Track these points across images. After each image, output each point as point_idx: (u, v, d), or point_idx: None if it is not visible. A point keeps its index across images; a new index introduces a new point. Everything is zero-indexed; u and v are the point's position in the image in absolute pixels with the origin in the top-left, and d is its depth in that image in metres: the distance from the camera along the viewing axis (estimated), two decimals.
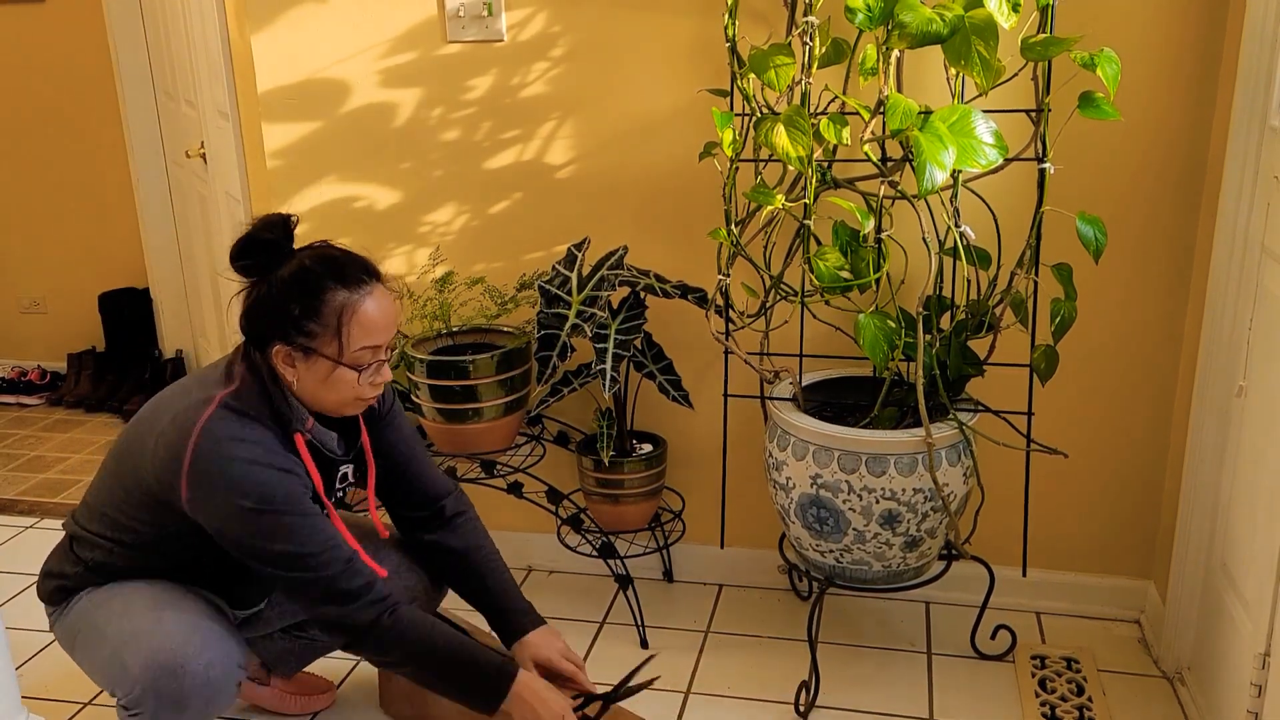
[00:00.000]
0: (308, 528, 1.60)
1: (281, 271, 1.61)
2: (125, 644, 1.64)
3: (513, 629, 1.85)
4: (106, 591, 1.72)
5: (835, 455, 1.94)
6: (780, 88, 1.86)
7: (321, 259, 1.63)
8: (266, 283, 1.62)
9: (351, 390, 1.65)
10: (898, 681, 2.17)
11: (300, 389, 1.65)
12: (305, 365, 1.62)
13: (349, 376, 1.63)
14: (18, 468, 3.46)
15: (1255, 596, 1.74)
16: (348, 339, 1.60)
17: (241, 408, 1.61)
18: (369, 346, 1.62)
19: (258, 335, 1.64)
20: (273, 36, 2.43)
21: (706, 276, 2.33)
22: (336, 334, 1.60)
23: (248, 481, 1.57)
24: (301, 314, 1.59)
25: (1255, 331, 1.81)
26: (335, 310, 1.59)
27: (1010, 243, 2.08)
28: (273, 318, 1.61)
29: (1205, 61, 2.03)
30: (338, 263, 1.62)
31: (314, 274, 1.60)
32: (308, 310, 1.59)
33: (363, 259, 1.66)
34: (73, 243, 4.19)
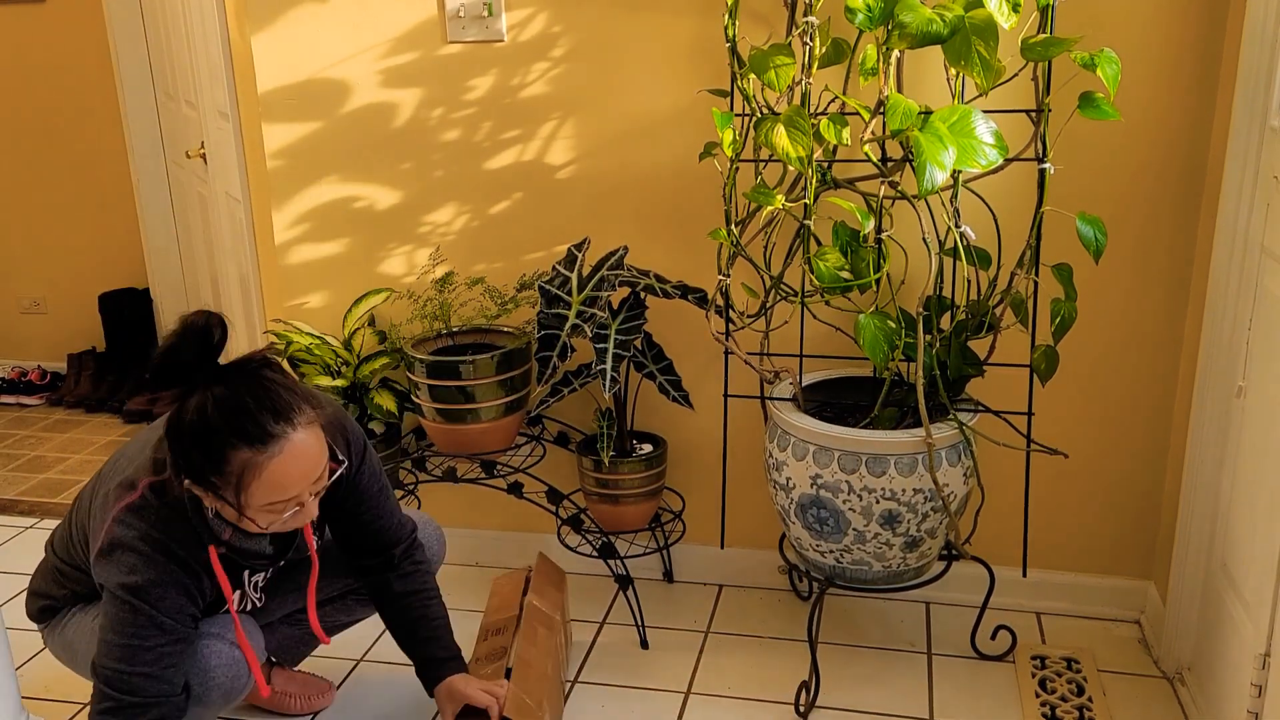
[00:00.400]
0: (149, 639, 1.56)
1: (190, 405, 1.48)
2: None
3: (433, 675, 1.90)
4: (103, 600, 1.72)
5: (835, 455, 1.94)
6: (780, 88, 1.86)
7: (230, 410, 1.47)
8: (178, 410, 1.51)
9: (273, 527, 1.57)
10: (898, 682, 2.17)
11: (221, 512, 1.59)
12: (218, 502, 1.54)
13: (264, 520, 1.56)
14: (18, 468, 3.46)
15: (1255, 597, 1.74)
16: (248, 499, 1.51)
17: (158, 507, 1.58)
18: (277, 502, 1.53)
19: (170, 458, 1.55)
20: (273, 37, 2.44)
21: (707, 277, 2.33)
22: (237, 493, 1.50)
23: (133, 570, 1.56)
24: (203, 464, 1.49)
25: (1255, 332, 1.81)
26: (236, 470, 1.48)
27: (1010, 243, 2.08)
28: (178, 455, 1.52)
29: (1205, 61, 2.03)
30: (246, 414, 1.47)
31: (216, 430, 1.47)
32: (210, 463, 1.49)
33: (283, 398, 1.50)
34: (73, 243, 4.19)
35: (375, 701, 2.16)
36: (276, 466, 1.49)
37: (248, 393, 1.49)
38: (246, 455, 1.47)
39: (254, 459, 1.48)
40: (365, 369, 2.40)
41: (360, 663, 2.28)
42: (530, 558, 2.62)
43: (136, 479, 1.61)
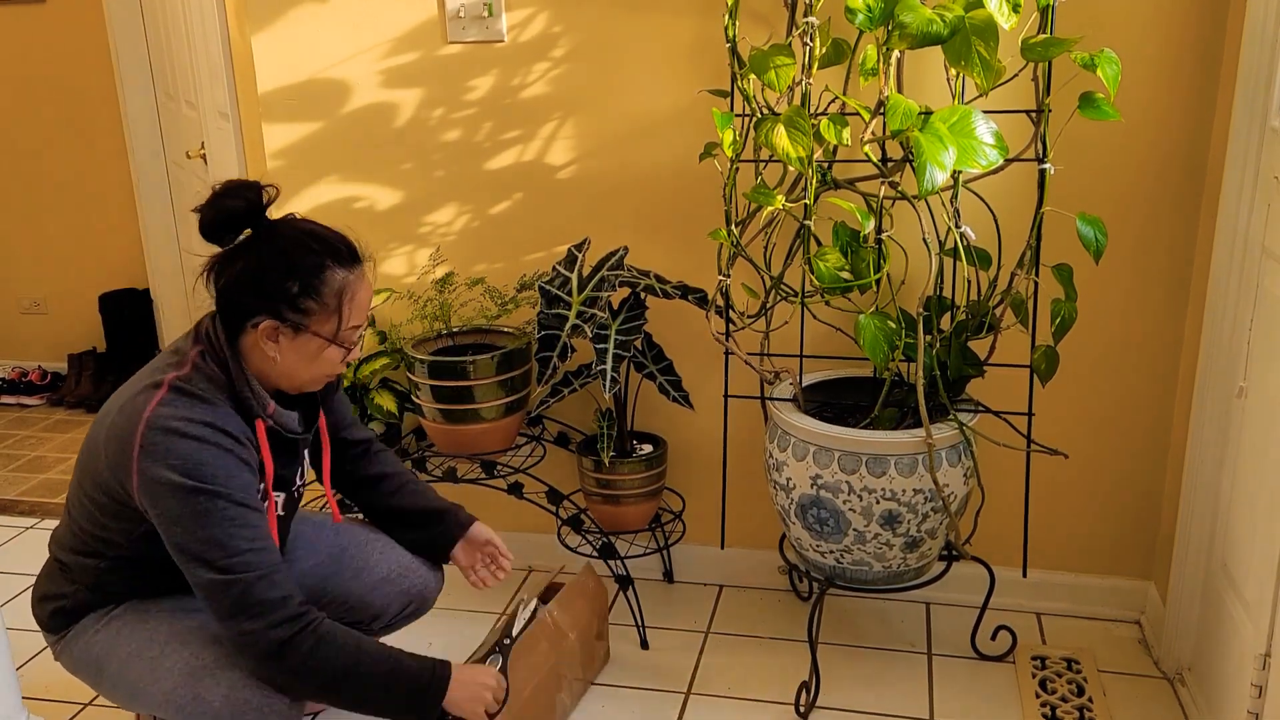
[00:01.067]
0: (239, 519, 1.51)
1: (269, 245, 1.56)
2: (196, 676, 1.57)
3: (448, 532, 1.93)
4: (132, 617, 1.66)
5: (835, 456, 1.94)
6: (780, 88, 1.86)
7: (315, 237, 1.59)
8: (250, 256, 1.56)
9: (334, 365, 1.63)
10: (898, 682, 2.17)
11: (276, 366, 1.60)
12: (292, 342, 1.58)
13: (336, 355, 1.61)
14: (18, 468, 3.46)
15: (1256, 597, 1.74)
16: (345, 319, 1.59)
17: (194, 390, 1.54)
18: (357, 326, 1.62)
19: (241, 310, 1.57)
20: (273, 37, 2.44)
21: (707, 277, 2.33)
22: (336, 313, 1.58)
23: (191, 459, 1.49)
24: (300, 292, 1.55)
25: (1255, 332, 1.81)
26: (335, 291, 1.57)
27: (1010, 243, 2.08)
28: (265, 293, 1.55)
29: (1205, 62, 2.03)
30: (331, 243, 1.59)
31: (313, 252, 1.57)
32: (307, 289, 1.55)
33: (349, 238, 1.63)
34: (73, 243, 4.19)
35: None
36: (364, 287, 1.61)
37: (320, 228, 1.60)
38: (341, 275, 1.57)
39: (348, 278, 1.58)
40: (365, 369, 2.40)
41: None
42: (531, 558, 2.61)
43: (159, 380, 1.54)
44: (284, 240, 1.57)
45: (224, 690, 1.55)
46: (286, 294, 1.55)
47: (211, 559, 1.50)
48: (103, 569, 1.66)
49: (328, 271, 1.56)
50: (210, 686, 1.56)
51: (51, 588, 1.72)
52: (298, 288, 1.55)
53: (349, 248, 1.61)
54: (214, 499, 1.49)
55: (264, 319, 1.56)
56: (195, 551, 1.50)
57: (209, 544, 1.50)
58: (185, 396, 1.54)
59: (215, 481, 1.50)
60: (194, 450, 1.50)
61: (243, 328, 1.58)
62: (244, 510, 1.52)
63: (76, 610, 1.69)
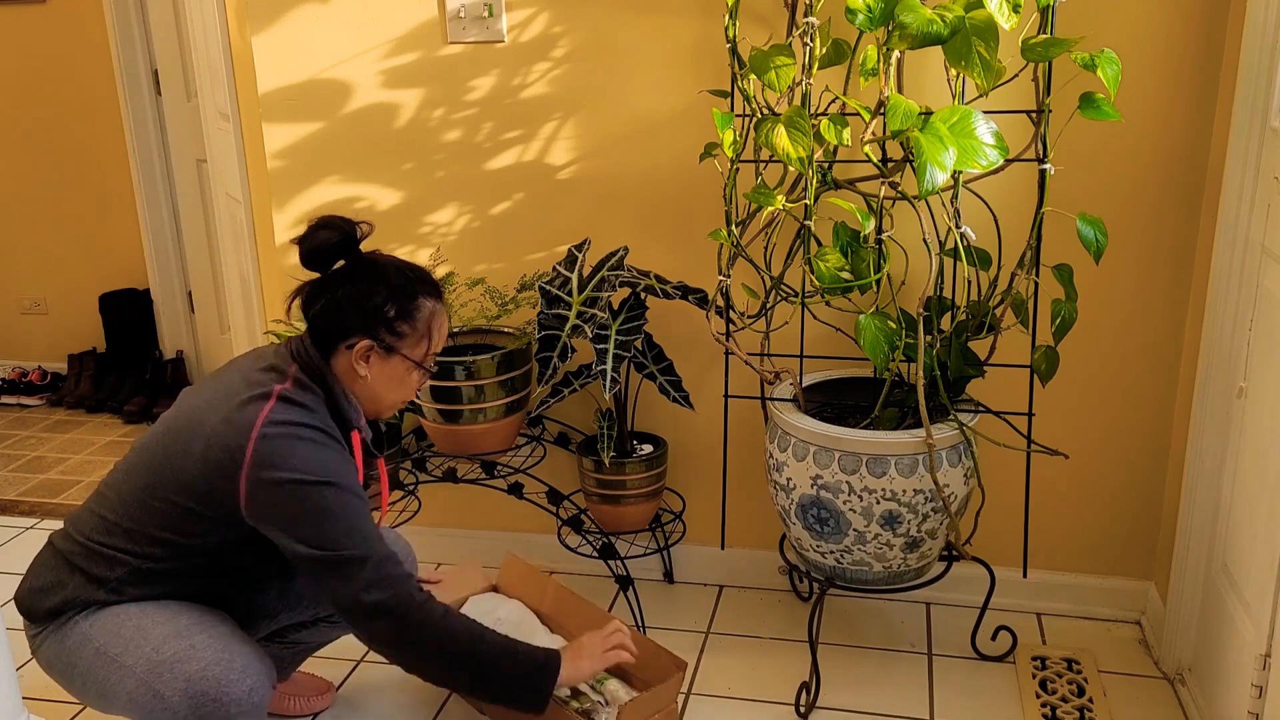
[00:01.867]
0: (361, 510, 1.63)
1: (368, 273, 1.69)
2: (155, 672, 1.58)
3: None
4: (108, 618, 1.65)
5: (836, 456, 1.94)
6: (781, 89, 1.86)
7: (409, 268, 1.74)
8: (349, 283, 1.68)
9: (411, 391, 1.77)
10: (898, 682, 2.17)
11: (365, 386, 1.72)
12: (382, 364, 1.71)
13: (416, 379, 1.75)
14: (18, 468, 3.46)
15: (1256, 598, 1.74)
16: (432, 344, 1.74)
17: (301, 400, 1.65)
18: (435, 354, 1.77)
19: (339, 329, 1.69)
20: (273, 37, 2.44)
21: (707, 277, 2.33)
22: (426, 338, 1.73)
23: (312, 460, 1.59)
24: (397, 315, 1.69)
25: (1256, 332, 1.81)
26: (426, 318, 1.72)
27: (1011, 244, 2.09)
28: (365, 314, 1.68)
29: (1206, 62, 2.03)
30: (423, 275, 1.75)
31: (411, 281, 1.72)
32: (403, 313, 1.69)
33: (436, 279, 1.79)
34: (73, 244, 4.19)
35: (375, 702, 2.16)
36: (443, 317, 1.77)
37: (407, 262, 1.76)
38: (431, 305, 1.73)
39: (436, 308, 1.74)
40: None
41: (360, 663, 2.29)
42: (531, 558, 2.61)
43: (266, 390, 1.63)
44: (381, 269, 1.70)
45: (182, 685, 1.55)
46: (384, 317, 1.68)
47: (343, 542, 1.58)
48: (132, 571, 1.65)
49: (420, 299, 1.71)
50: (169, 682, 1.56)
51: (50, 579, 1.69)
52: (394, 312, 1.69)
53: (435, 282, 1.77)
54: (338, 490, 1.60)
55: (360, 339, 1.68)
56: (326, 539, 1.58)
57: (339, 528, 1.59)
58: (295, 406, 1.64)
59: (335, 475, 1.61)
60: (311, 450, 1.61)
61: (336, 349, 1.70)
62: (361, 501, 1.64)
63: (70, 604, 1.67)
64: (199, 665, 1.57)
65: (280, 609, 1.90)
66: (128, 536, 1.65)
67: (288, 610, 1.91)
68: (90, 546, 1.67)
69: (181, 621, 1.63)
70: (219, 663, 1.58)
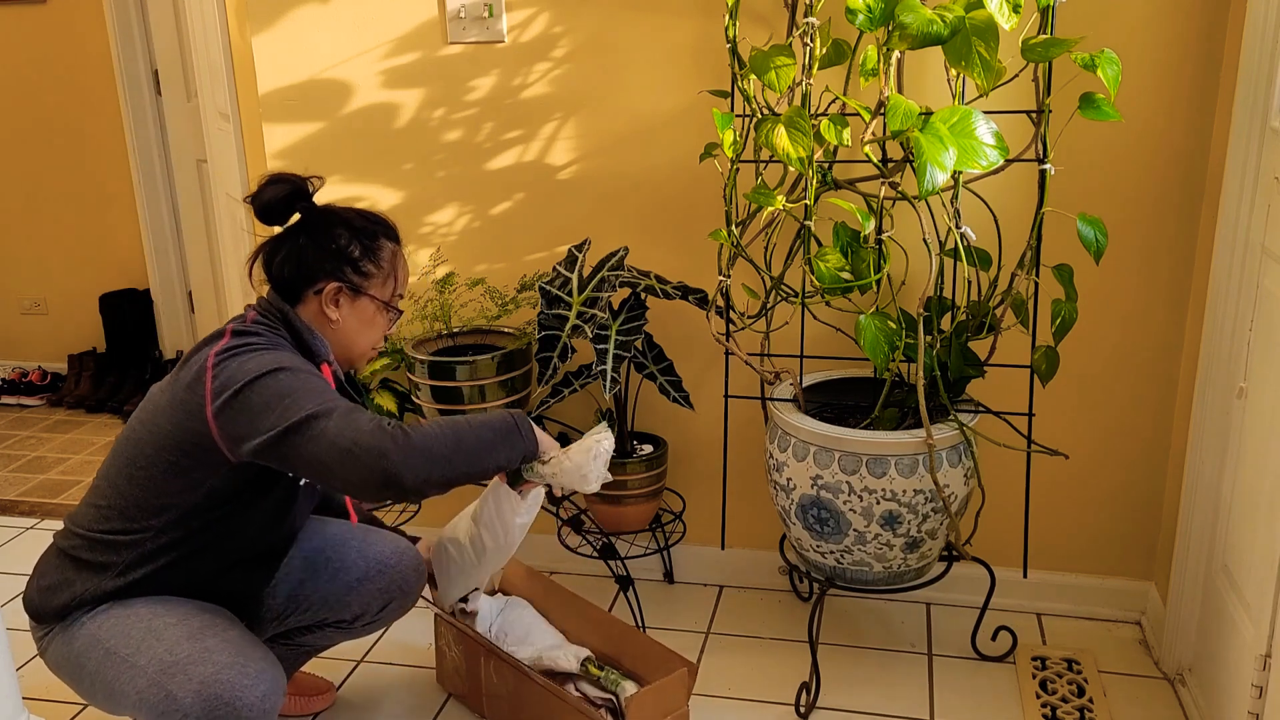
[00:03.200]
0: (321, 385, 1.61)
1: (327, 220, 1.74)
2: (168, 673, 1.55)
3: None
4: (117, 618, 1.64)
5: (836, 456, 1.94)
6: (781, 89, 1.86)
7: (366, 213, 1.79)
8: (309, 231, 1.72)
9: (379, 336, 1.80)
10: (898, 683, 2.17)
11: (337, 331, 1.75)
12: (351, 305, 1.74)
13: (384, 321, 1.79)
14: (18, 469, 3.46)
15: (1256, 598, 1.74)
16: (397, 284, 1.79)
17: (256, 330, 1.67)
18: (402, 295, 1.82)
19: (305, 276, 1.71)
20: (274, 37, 2.44)
21: (707, 277, 2.33)
22: (391, 277, 1.77)
23: (264, 361, 1.59)
24: (362, 255, 1.73)
25: (1256, 333, 1.81)
26: (389, 259, 1.77)
27: (1011, 244, 2.09)
28: (330, 257, 1.72)
29: (1206, 62, 2.03)
30: (380, 218, 1.80)
31: (371, 223, 1.77)
32: (367, 252, 1.74)
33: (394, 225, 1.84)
34: (73, 244, 4.19)
35: (375, 702, 2.16)
36: (404, 260, 1.82)
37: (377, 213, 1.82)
38: (392, 246, 1.79)
39: (397, 250, 1.80)
40: (366, 370, 2.40)
41: (360, 664, 2.28)
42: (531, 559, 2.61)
43: (220, 331, 1.66)
44: (339, 214, 1.76)
45: (195, 687, 1.52)
46: (349, 258, 1.73)
47: (309, 409, 1.54)
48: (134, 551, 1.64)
49: (382, 239, 1.77)
50: (182, 684, 1.53)
51: (57, 577, 1.69)
52: (359, 251, 1.73)
53: (393, 226, 1.82)
54: (296, 372, 1.60)
55: (328, 282, 1.71)
56: (293, 415, 1.54)
57: (304, 398, 1.56)
58: (248, 335, 1.66)
59: (287, 363, 1.61)
60: (263, 354, 1.61)
61: (303, 297, 1.73)
62: (319, 379, 1.62)
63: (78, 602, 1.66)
64: (213, 668, 1.54)
65: (289, 611, 1.90)
66: (123, 516, 1.65)
67: (297, 612, 1.90)
68: (91, 538, 1.67)
69: (194, 624, 1.62)
70: (233, 666, 1.55)
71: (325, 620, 1.94)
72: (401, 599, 1.95)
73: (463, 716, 2.11)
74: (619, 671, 2.01)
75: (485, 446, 1.65)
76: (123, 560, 1.65)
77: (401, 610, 1.97)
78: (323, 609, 1.91)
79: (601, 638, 2.08)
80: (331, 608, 1.91)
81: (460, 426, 1.64)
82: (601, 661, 2.05)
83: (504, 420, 1.69)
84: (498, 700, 2.03)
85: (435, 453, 1.57)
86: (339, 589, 1.90)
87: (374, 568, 1.92)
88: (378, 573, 1.92)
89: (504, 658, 1.98)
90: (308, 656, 2.05)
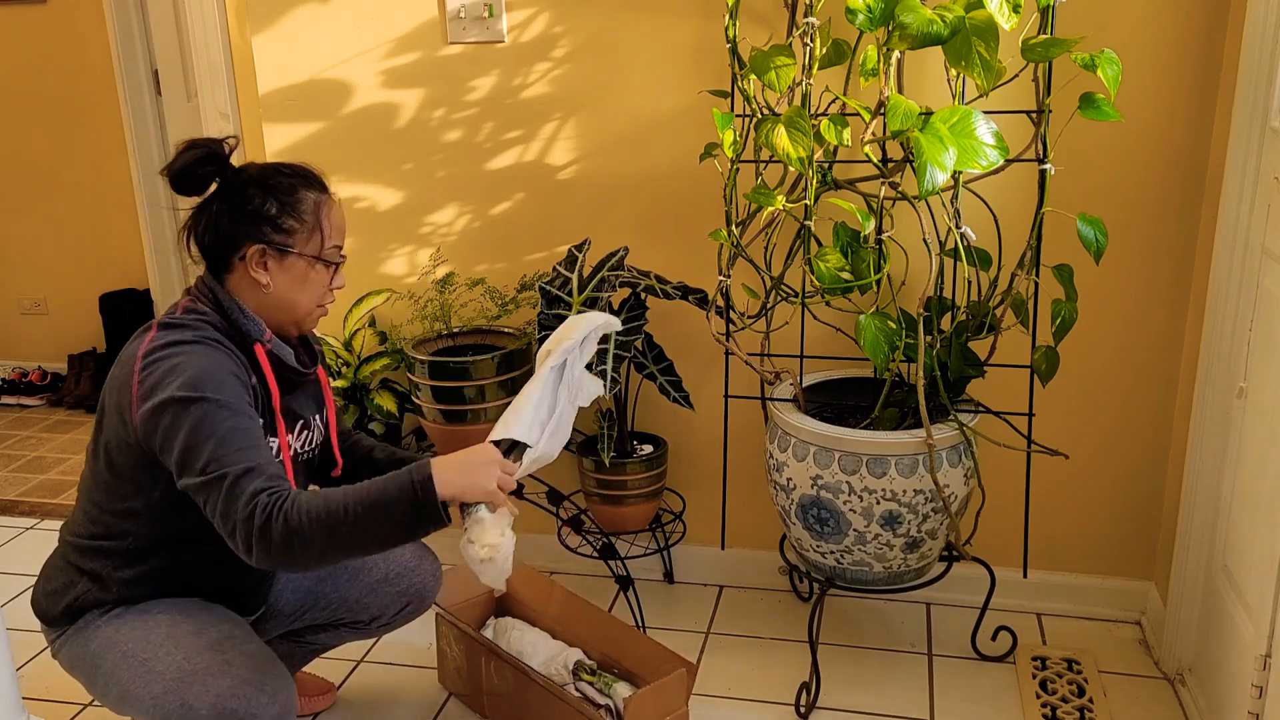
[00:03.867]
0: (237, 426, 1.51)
1: (242, 181, 1.63)
2: (186, 681, 1.54)
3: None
4: (134, 615, 1.64)
5: (836, 456, 1.94)
6: (781, 89, 1.86)
7: (283, 166, 1.68)
8: (225, 195, 1.63)
9: (321, 292, 1.68)
10: (898, 683, 2.17)
11: (270, 295, 1.64)
12: (280, 266, 1.63)
13: (322, 276, 1.67)
14: (18, 469, 3.46)
15: (1256, 598, 1.74)
16: (326, 234, 1.66)
17: (183, 322, 1.60)
18: (337, 246, 1.68)
19: (227, 246, 1.63)
20: (274, 37, 2.44)
21: (707, 278, 2.33)
22: (316, 229, 1.65)
23: (188, 372, 1.51)
24: (279, 212, 1.62)
25: (1256, 333, 1.80)
26: (312, 208, 1.65)
27: (1011, 244, 2.08)
28: (246, 219, 1.62)
29: (1206, 62, 2.03)
30: (298, 169, 1.68)
31: (287, 176, 1.65)
32: (286, 208, 1.63)
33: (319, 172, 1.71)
34: (74, 244, 4.19)
35: (375, 703, 2.16)
36: (336, 208, 1.69)
37: (282, 163, 1.70)
38: (314, 196, 1.66)
39: (321, 198, 1.66)
40: (366, 370, 2.40)
41: (361, 664, 2.28)
42: (531, 559, 2.61)
43: (149, 324, 1.61)
44: (254, 173, 1.65)
45: (211, 699, 1.52)
46: (267, 215, 1.62)
47: (197, 460, 1.48)
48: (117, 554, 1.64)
49: (301, 191, 1.65)
50: (199, 694, 1.52)
51: (59, 581, 1.69)
52: (276, 208, 1.62)
53: (314, 174, 1.69)
54: (204, 404, 1.50)
55: (249, 246, 1.62)
56: (183, 453, 1.49)
57: (197, 444, 1.49)
58: (175, 329, 1.59)
59: (207, 388, 1.51)
60: (187, 361, 1.53)
61: (230, 265, 1.64)
62: (235, 415, 1.52)
63: (83, 604, 1.67)
64: (231, 682, 1.54)
65: (305, 608, 1.90)
66: (101, 523, 1.65)
67: (313, 611, 1.90)
68: (81, 545, 1.67)
69: (213, 634, 1.61)
70: (251, 682, 1.55)
71: (341, 620, 1.94)
72: (419, 602, 1.96)
73: (463, 717, 2.11)
74: (615, 673, 2.01)
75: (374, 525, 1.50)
76: (113, 564, 1.65)
77: (417, 613, 1.98)
78: (340, 609, 1.91)
79: (601, 638, 2.08)
80: (350, 608, 1.91)
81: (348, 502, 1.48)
82: (600, 662, 2.05)
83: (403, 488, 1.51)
84: (498, 698, 2.03)
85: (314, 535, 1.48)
86: (358, 590, 1.90)
87: (394, 570, 1.92)
88: (398, 575, 1.92)
89: (504, 658, 1.98)
90: (314, 655, 2.05)
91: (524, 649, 2.07)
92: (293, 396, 1.74)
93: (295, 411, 1.74)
